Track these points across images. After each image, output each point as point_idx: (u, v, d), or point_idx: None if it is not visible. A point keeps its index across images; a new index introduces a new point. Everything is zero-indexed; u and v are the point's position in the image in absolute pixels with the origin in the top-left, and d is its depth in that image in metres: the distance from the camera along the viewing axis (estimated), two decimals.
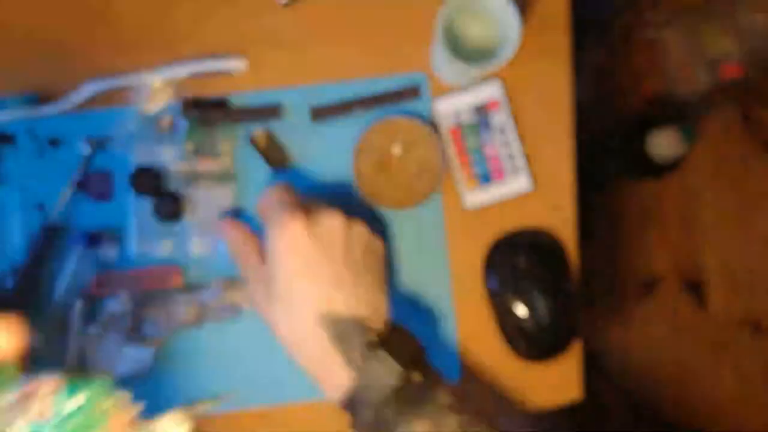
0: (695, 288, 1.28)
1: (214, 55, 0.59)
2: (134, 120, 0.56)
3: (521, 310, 0.59)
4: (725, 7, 1.23)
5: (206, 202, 0.55)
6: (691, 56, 1.23)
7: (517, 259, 0.59)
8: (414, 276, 0.60)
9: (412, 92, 0.60)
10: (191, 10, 0.59)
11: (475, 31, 0.58)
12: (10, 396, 0.36)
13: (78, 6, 0.59)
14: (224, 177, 0.55)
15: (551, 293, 0.59)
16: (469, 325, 0.60)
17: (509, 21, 0.53)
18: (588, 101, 0.86)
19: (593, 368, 1.23)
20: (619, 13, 1.25)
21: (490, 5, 0.54)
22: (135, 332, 0.56)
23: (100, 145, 0.58)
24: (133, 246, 0.58)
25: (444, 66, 0.58)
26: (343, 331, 0.45)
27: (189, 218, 0.57)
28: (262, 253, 0.49)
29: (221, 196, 0.56)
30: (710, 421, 1.26)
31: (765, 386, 1.26)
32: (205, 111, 0.56)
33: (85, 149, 0.58)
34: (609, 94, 1.26)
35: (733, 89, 1.26)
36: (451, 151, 0.60)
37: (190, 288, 0.58)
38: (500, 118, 0.60)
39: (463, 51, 0.57)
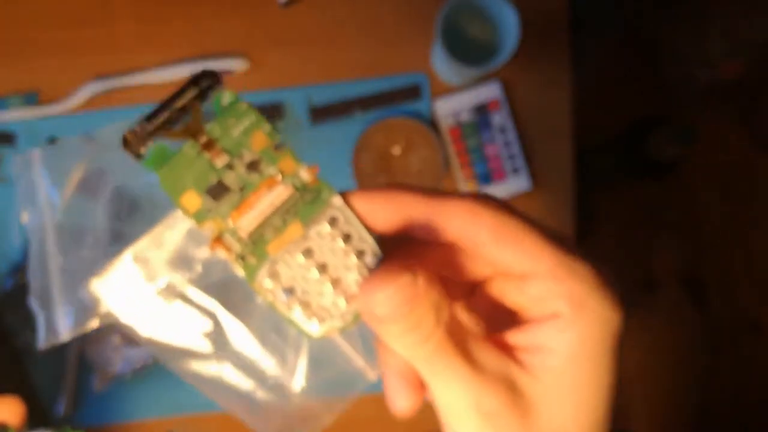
0: (695, 288, 1.28)
1: (214, 55, 0.59)
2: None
3: None
4: (725, 8, 1.23)
5: None
6: (691, 56, 1.24)
7: None
8: None
9: (412, 92, 0.60)
10: (191, 10, 0.59)
11: (475, 32, 0.58)
12: None
13: (78, 7, 0.59)
14: None
15: None
16: None
17: (508, 22, 0.53)
18: (588, 102, 0.86)
19: None
20: (619, 13, 1.25)
21: (490, 6, 0.54)
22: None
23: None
24: None
25: (444, 66, 0.58)
26: None
27: None
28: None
29: None
30: (708, 419, 1.26)
31: (763, 385, 1.26)
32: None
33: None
34: (609, 94, 1.26)
35: (733, 90, 1.26)
36: (451, 150, 0.60)
37: None
38: (500, 118, 0.60)
39: (463, 51, 0.57)
